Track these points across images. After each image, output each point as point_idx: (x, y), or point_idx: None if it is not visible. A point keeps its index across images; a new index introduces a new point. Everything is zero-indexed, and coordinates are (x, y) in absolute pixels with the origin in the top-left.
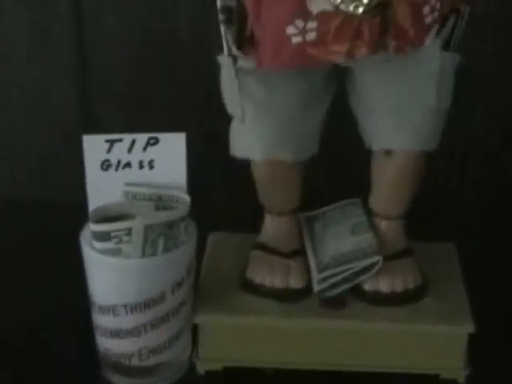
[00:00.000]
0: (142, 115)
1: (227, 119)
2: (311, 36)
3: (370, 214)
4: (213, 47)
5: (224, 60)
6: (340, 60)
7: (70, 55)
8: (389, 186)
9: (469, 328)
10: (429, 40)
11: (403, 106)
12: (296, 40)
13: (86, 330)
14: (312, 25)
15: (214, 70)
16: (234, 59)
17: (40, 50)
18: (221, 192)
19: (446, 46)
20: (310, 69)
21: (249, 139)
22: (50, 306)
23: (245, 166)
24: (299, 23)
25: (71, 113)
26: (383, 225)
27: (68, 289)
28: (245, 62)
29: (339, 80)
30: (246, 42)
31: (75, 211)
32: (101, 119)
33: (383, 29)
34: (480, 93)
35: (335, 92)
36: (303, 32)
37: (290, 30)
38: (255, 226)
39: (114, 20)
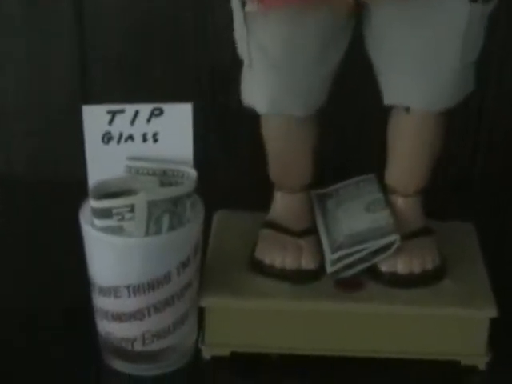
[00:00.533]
0: (142, 88)
1: (230, 93)
2: None
3: (385, 190)
4: (216, 18)
5: (234, 3)
6: None
7: (69, 26)
8: (406, 152)
9: (490, 312)
10: None
11: (423, 58)
12: None
13: (86, 313)
14: None
15: (217, 42)
16: (243, 3)
17: (36, 24)
18: (226, 168)
19: None
20: (317, 5)
21: (255, 89)
22: (49, 289)
23: (251, 139)
24: None
25: (70, 85)
26: (400, 202)
27: (68, 270)
28: (252, 6)
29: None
30: None
31: (75, 189)
32: (100, 91)
33: None
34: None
35: (350, 42)
36: None
37: None
38: (263, 203)
39: None
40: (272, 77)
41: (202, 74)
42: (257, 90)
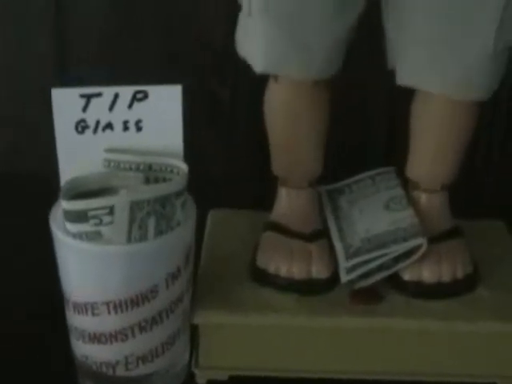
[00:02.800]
0: (126, 69)
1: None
2: None
3: (406, 185)
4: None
5: None
6: None
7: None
8: (431, 142)
9: None
10: None
11: (448, 31)
12: None
13: (59, 330)
14: None
15: (208, 20)
16: None
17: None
18: (221, 161)
19: None
20: None
21: (252, 40)
22: (15, 301)
23: (248, 129)
24: None
25: (45, 67)
26: (424, 199)
27: (37, 283)
28: None
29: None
30: None
31: (44, 187)
32: (80, 74)
33: None
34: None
35: (364, 11)
36: None
37: None
38: (265, 200)
39: None
40: (273, 28)
41: (194, 66)
42: (254, 42)
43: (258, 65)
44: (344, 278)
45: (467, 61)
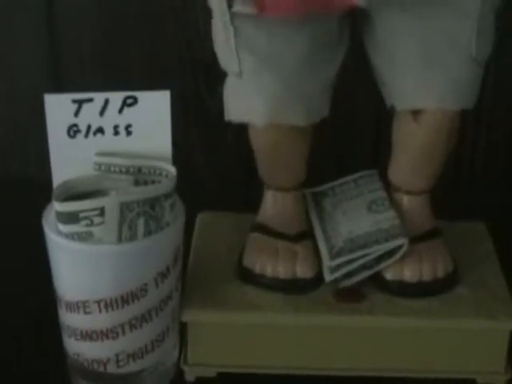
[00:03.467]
0: (116, 75)
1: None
2: None
3: (389, 188)
4: (199, 9)
5: (216, 4)
6: (360, 2)
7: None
8: (415, 154)
9: (511, 323)
10: None
11: (434, 52)
12: None
13: (51, 329)
14: None
15: (198, 32)
16: (229, 2)
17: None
18: (209, 164)
19: None
20: (321, 14)
21: (248, 99)
22: (8, 301)
23: (237, 133)
24: None
25: (36, 73)
26: (406, 200)
27: (30, 281)
28: (242, 6)
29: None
30: None
31: (38, 190)
32: (71, 80)
33: None
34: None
35: (350, 40)
36: None
37: None
38: (252, 203)
39: None
40: (269, 81)
41: (184, 72)
42: (249, 98)
43: (261, 120)
44: (328, 277)
45: (455, 72)
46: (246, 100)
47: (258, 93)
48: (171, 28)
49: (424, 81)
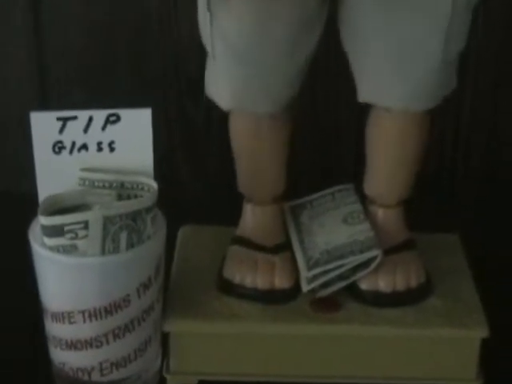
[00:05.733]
0: (102, 96)
1: (196, 100)
2: None
3: (364, 200)
4: (182, 21)
5: None
6: None
7: (25, 28)
8: (386, 159)
9: (482, 332)
10: None
11: (403, 54)
12: None
13: (37, 339)
14: None
15: (183, 46)
16: None
17: None
18: (192, 179)
19: None
20: None
21: (218, 81)
22: None
23: (217, 148)
24: None
25: (23, 90)
26: (380, 213)
27: (17, 293)
28: None
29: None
30: None
31: (24, 204)
32: (57, 98)
33: None
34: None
35: (322, 34)
36: None
37: None
38: (232, 216)
39: None
40: (235, 69)
41: (169, 85)
42: (220, 83)
43: (225, 103)
44: (305, 287)
45: (420, 73)
46: (216, 81)
47: (224, 78)
48: (156, 42)
49: (387, 77)
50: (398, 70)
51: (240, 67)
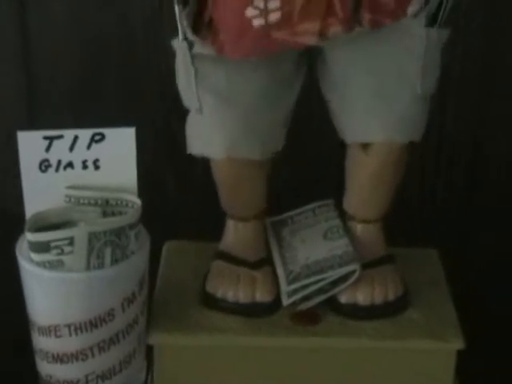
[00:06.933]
0: (90, 113)
1: (182, 117)
2: (275, 17)
3: (344, 217)
4: (168, 41)
5: (179, 45)
6: (312, 41)
7: (14, 50)
8: (366, 184)
9: (457, 343)
10: (412, 9)
11: (383, 90)
12: (258, 23)
13: (24, 353)
14: (274, 4)
15: (168, 66)
16: (190, 44)
17: None
18: (177, 195)
19: (431, 22)
20: (277, 54)
21: (208, 134)
22: None
23: (203, 166)
24: (259, 3)
25: (11, 109)
26: (359, 229)
27: (4, 307)
28: (202, 48)
29: (309, 63)
30: (203, 25)
31: (12, 219)
32: (45, 117)
33: (357, 1)
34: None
35: (305, 79)
36: (265, 13)
37: (250, 11)
38: (216, 232)
39: (60, 8)
40: (227, 118)
41: (155, 102)
42: (209, 134)
43: (219, 154)
44: (286, 301)
45: (403, 109)
46: (206, 136)
47: (216, 129)
48: (142, 62)
49: (372, 116)
50: (384, 106)
51: (231, 115)
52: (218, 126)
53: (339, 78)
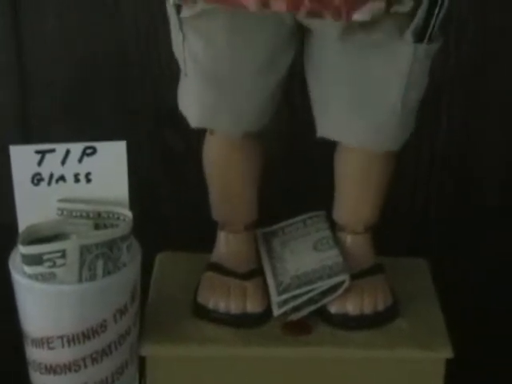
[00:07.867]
0: (84, 126)
1: (177, 129)
2: None
3: (334, 228)
4: (161, 53)
5: (169, 9)
6: (251, 6)
7: (8, 64)
8: (350, 192)
9: (446, 353)
10: (357, 16)
11: (361, 98)
12: None
13: (18, 366)
14: None
15: (163, 78)
16: (178, 8)
17: None
18: (169, 207)
19: (420, 37)
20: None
21: (188, 98)
22: None
23: (195, 179)
24: None
25: (5, 123)
26: (349, 239)
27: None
28: (186, 11)
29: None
30: None
31: (4, 234)
32: (39, 130)
33: None
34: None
35: (293, 60)
36: None
37: None
38: (208, 244)
39: (54, 23)
40: (205, 89)
41: (149, 114)
42: (190, 100)
43: (193, 120)
44: (276, 311)
45: (379, 119)
46: (187, 98)
47: (193, 96)
48: (137, 73)
49: (348, 121)
50: (359, 112)
51: (209, 88)
52: (195, 94)
53: (322, 69)
